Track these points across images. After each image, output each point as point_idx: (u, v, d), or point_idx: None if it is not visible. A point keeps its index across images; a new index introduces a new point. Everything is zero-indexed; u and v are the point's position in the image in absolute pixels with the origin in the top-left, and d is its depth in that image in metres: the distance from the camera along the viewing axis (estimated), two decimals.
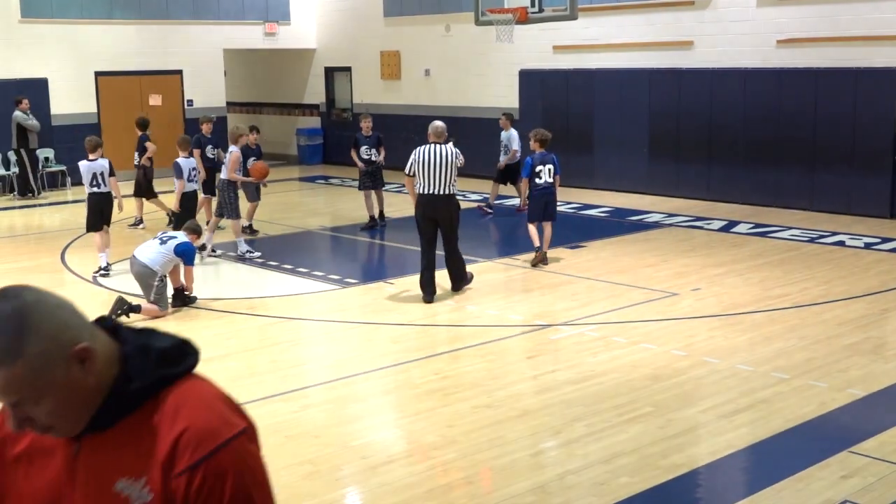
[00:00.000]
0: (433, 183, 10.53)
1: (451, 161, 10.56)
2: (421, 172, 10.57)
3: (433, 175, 10.51)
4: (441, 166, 10.51)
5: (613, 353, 8.57)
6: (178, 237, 10.23)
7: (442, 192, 10.55)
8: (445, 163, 10.52)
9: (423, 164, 10.57)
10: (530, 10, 14.75)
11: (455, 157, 10.65)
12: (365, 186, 15.11)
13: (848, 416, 7.09)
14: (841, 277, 11.28)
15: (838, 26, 15.43)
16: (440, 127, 11.00)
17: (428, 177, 10.53)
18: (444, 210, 10.62)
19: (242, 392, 7.71)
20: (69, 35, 20.54)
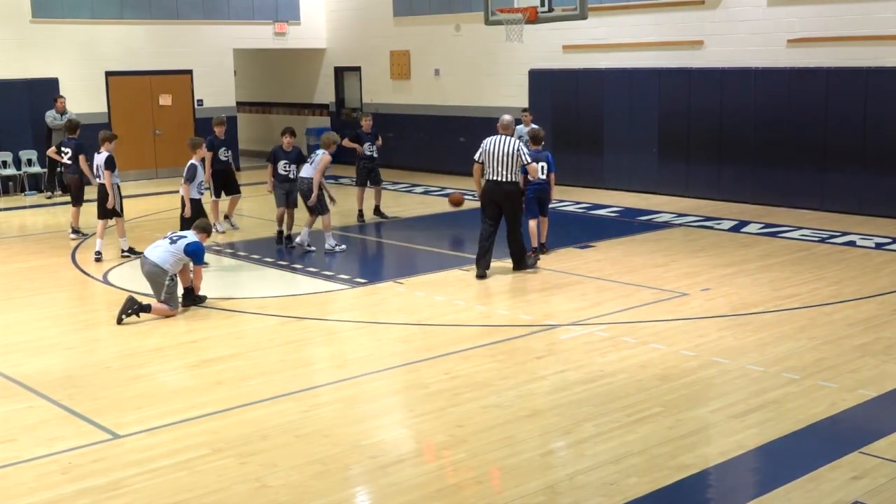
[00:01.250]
0: (498, 171, 11.41)
1: (516, 152, 11.37)
2: (488, 161, 11.49)
3: (499, 163, 11.39)
4: (506, 156, 11.35)
5: (623, 354, 8.57)
6: (187, 237, 10.24)
7: (506, 179, 11.41)
8: (510, 153, 11.35)
9: (490, 154, 11.46)
10: (540, 10, 14.75)
11: (519, 148, 11.42)
12: (362, 182, 15.45)
13: (859, 416, 7.07)
14: (851, 278, 11.25)
15: (849, 26, 15.38)
16: (507, 120, 11.79)
17: (494, 165, 11.44)
18: (507, 196, 11.46)
19: (252, 392, 7.76)
20: (80, 35, 20.62)
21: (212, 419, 7.19)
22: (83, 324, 9.94)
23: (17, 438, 6.89)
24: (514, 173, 11.41)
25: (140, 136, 21.60)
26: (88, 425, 7.12)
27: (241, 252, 13.50)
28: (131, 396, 7.73)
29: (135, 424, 7.10)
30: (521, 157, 11.44)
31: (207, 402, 7.56)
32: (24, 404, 7.60)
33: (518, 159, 11.40)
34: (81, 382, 8.10)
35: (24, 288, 11.63)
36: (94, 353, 8.95)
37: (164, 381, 8.15)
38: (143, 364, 8.58)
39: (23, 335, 9.63)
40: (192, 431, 6.95)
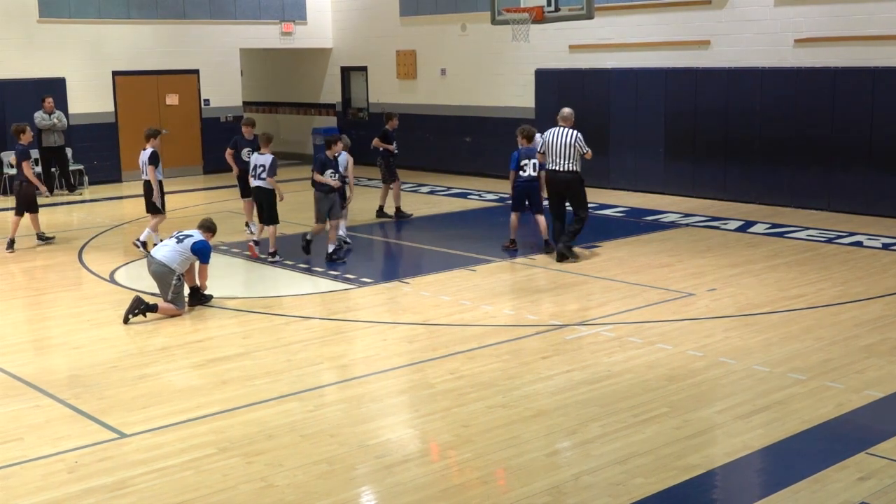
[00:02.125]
0: (557, 160, 12.24)
1: (573, 143, 12.18)
2: (549, 151, 12.30)
3: (558, 154, 12.21)
4: (566, 146, 12.18)
5: (629, 354, 8.56)
6: (193, 235, 10.25)
7: (564, 168, 12.23)
8: (568, 144, 12.17)
9: (551, 144, 12.29)
10: (546, 10, 14.74)
11: (577, 139, 12.19)
12: (393, 178, 15.66)
13: (865, 417, 7.06)
14: (858, 278, 11.22)
15: (856, 25, 15.34)
16: (567, 112, 12.70)
17: (553, 155, 12.25)
18: (567, 184, 12.34)
19: (258, 391, 7.77)
20: (87, 35, 20.66)
21: (218, 419, 7.20)
22: (89, 323, 9.95)
23: (24, 437, 6.91)
24: (572, 162, 12.20)
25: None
26: (95, 424, 7.13)
27: (247, 252, 13.49)
28: (137, 396, 7.74)
29: (141, 424, 7.11)
30: (580, 147, 12.18)
31: (213, 401, 7.57)
32: (30, 403, 7.62)
33: (577, 149, 12.17)
34: (88, 382, 8.11)
35: (31, 287, 11.66)
36: (100, 353, 8.96)
37: (170, 381, 8.16)
38: (149, 363, 8.59)
39: (29, 334, 9.66)
40: (198, 431, 6.96)
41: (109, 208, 18.13)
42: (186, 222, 12.69)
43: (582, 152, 12.23)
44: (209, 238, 10.45)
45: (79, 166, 20.34)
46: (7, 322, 10.15)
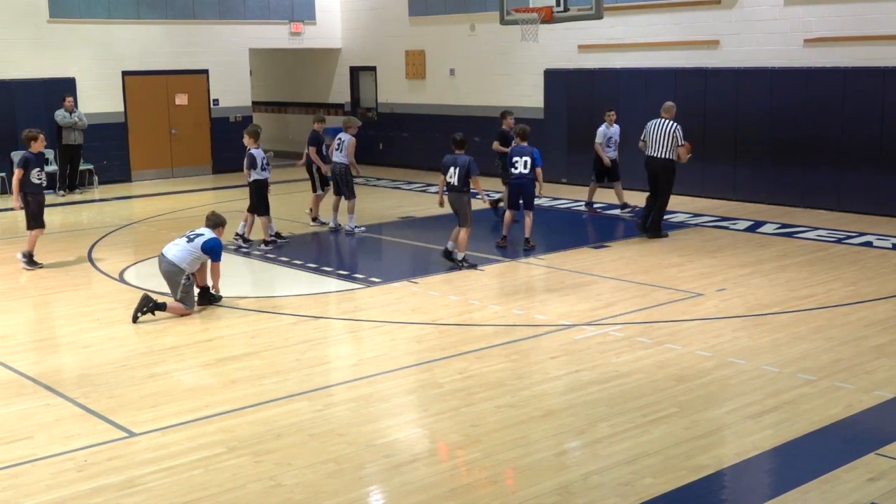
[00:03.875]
0: (656, 147, 13.45)
1: (671, 133, 13.35)
2: (650, 139, 13.50)
3: (657, 142, 13.43)
4: (665, 136, 13.36)
5: (638, 354, 8.55)
6: (204, 234, 10.26)
7: (661, 156, 13.42)
8: (667, 134, 13.36)
9: (652, 133, 13.48)
10: (555, 10, 14.72)
11: (676, 130, 13.36)
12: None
13: (875, 417, 7.04)
14: (868, 279, 11.19)
15: (866, 25, 15.29)
16: (670, 105, 13.80)
17: (653, 143, 13.48)
18: (662, 169, 13.51)
19: (266, 391, 7.78)
20: (97, 35, 20.71)
21: (226, 418, 7.21)
22: (99, 322, 9.98)
23: (34, 436, 6.93)
24: (669, 151, 13.37)
25: (156, 135, 21.70)
26: (104, 423, 7.15)
27: (256, 251, 13.52)
28: (147, 395, 7.76)
29: (150, 423, 7.13)
30: (677, 139, 13.31)
31: (222, 400, 7.58)
32: (40, 402, 7.64)
33: (674, 140, 13.30)
34: (97, 381, 8.13)
35: (41, 286, 11.69)
36: (109, 352, 8.98)
37: (180, 380, 8.18)
38: (158, 363, 8.61)
39: (39, 333, 9.69)
40: (207, 430, 6.97)
41: (119, 208, 18.18)
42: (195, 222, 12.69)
43: (679, 143, 13.30)
44: (220, 233, 10.43)
45: (88, 166, 20.40)
46: (17, 321, 10.18)
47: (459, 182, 11.94)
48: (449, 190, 12.09)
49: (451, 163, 12.04)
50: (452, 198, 12.07)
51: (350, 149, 14.24)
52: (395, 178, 20.72)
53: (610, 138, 15.74)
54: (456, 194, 12.03)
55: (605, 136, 15.65)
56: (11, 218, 17.35)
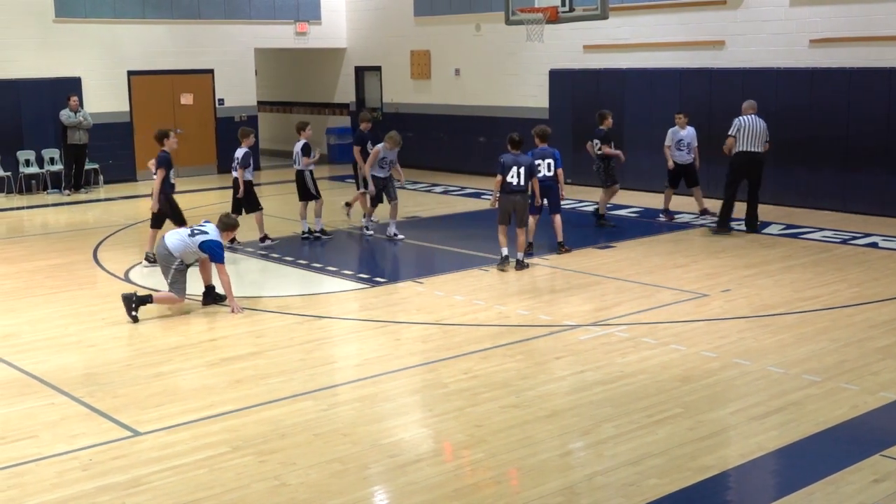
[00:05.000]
0: (751, 143, 13.77)
1: (764, 130, 13.79)
2: (743, 135, 13.75)
3: (754, 137, 13.76)
4: (760, 131, 13.77)
5: (643, 354, 8.54)
6: (208, 233, 10.22)
7: (758, 149, 13.82)
8: (762, 130, 13.79)
9: (747, 129, 13.74)
10: (561, 10, 14.72)
11: (766, 127, 13.81)
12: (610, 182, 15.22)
13: (880, 419, 7.03)
14: (874, 279, 11.17)
15: (872, 26, 15.27)
16: (753, 103, 14.09)
17: (749, 139, 13.75)
18: (759, 164, 13.98)
19: (271, 390, 7.79)
20: (102, 34, 20.74)
21: (231, 417, 7.22)
22: (104, 322, 9.99)
23: (39, 435, 6.94)
24: (761, 145, 13.81)
25: None
26: (109, 422, 7.16)
27: (261, 251, 13.54)
28: (152, 394, 7.77)
29: (155, 422, 7.14)
30: (766, 134, 13.83)
31: (227, 400, 7.59)
32: (45, 401, 7.66)
33: (766, 135, 13.80)
34: (102, 380, 8.15)
35: (46, 286, 11.71)
36: (115, 351, 9.00)
37: (185, 380, 8.18)
38: (163, 362, 8.62)
39: (44, 333, 9.70)
40: (212, 429, 6.98)
41: (124, 207, 18.20)
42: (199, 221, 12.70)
43: (768, 138, 13.82)
44: (228, 237, 10.39)
45: (94, 165, 20.43)
46: (23, 320, 10.20)
47: (526, 183, 11.79)
48: (510, 191, 11.81)
49: (512, 163, 11.79)
50: (519, 198, 11.82)
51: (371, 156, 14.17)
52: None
53: (680, 141, 15.14)
54: (522, 195, 11.83)
55: (675, 139, 15.17)
56: (16, 217, 17.40)
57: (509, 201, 11.83)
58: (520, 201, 11.81)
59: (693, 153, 15.18)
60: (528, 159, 11.84)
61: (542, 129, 12.93)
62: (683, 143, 15.18)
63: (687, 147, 15.16)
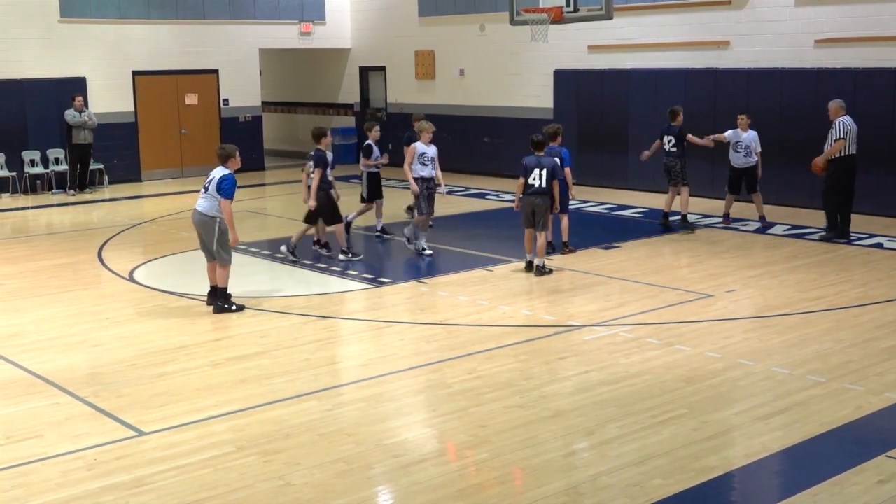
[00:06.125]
0: (854, 146, 13.28)
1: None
2: (851, 138, 13.22)
3: (854, 140, 13.26)
4: (855, 134, 13.25)
5: (647, 355, 8.53)
6: (215, 176, 10.07)
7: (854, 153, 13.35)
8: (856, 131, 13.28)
9: (852, 132, 13.21)
10: (565, 10, 14.71)
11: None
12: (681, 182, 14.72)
13: (885, 419, 7.02)
14: (878, 280, 11.15)
15: (877, 26, 15.25)
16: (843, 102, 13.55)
17: (852, 141, 13.25)
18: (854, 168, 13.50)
19: (276, 390, 7.79)
20: (107, 35, 20.77)
21: (236, 417, 7.22)
22: (109, 321, 10.00)
23: (43, 435, 6.95)
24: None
25: (166, 135, 21.75)
26: (113, 422, 7.17)
27: (266, 251, 13.55)
28: (156, 394, 7.78)
29: (159, 422, 7.14)
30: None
31: (231, 400, 7.59)
32: (50, 401, 7.67)
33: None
34: (107, 380, 8.16)
35: (51, 286, 11.72)
36: (119, 351, 9.01)
37: (189, 379, 8.19)
38: (168, 362, 8.63)
39: (49, 332, 9.71)
40: (217, 429, 6.99)
41: (129, 207, 18.23)
42: None
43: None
44: (234, 164, 10.19)
45: (99, 165, 20.46)
46: (27, 320, 10.22)
47: (548, 185, 11.65)
48: (532, 193, 11.66)
49: (534, 164, 11.65)
50: (539, 201, 11.67)
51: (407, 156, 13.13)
52: (404, 178, 20.67)
53: (738, 143, 14.61)
54: (543, 197, 11.67)
55: (734, 139, 14.69)
56: (21, 217, 17.44)
57: (530, 203, 11.72)
58: (540, 203, 11.66)
59: (756, 157, 14.64)
60: (550, 161, 11.69)
61: (555, 128, 12.78)
62: (741, 145, 14.62)
63: (745, 150, 14.61)
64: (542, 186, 11.62)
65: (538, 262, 11.78)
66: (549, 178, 11.64)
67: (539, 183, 11.61)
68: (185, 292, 11.02)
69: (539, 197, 11.67)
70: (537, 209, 11.70)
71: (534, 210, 11.72)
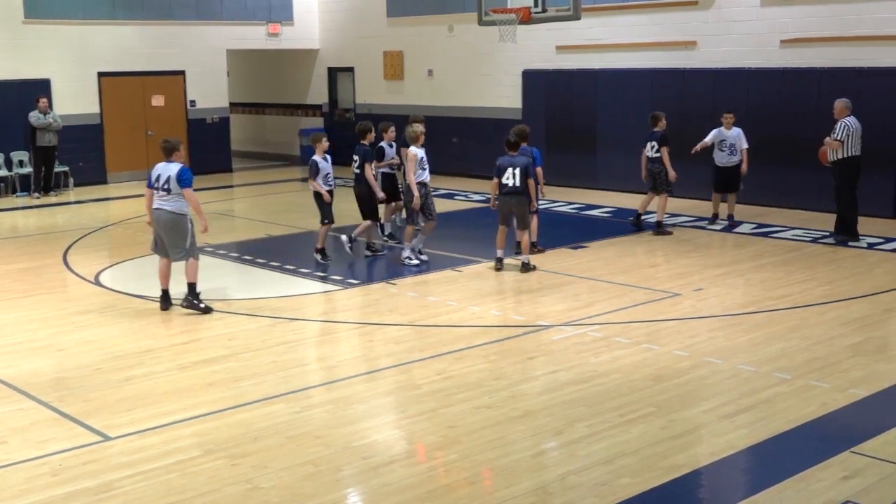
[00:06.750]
0: (857, 147, 13.19)
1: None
2: (852, 140, 13.11)
3: (857, 141, 13.16)
4: (860, 134, 13.18)
5: (615, 354, 8.57)
6: (169, 171, 10.12)
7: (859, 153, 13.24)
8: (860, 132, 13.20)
9: (854, 132, 13.11)
10: (533, 10, 14.74)
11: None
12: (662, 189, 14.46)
13: (850, 416, 7.08)
14: (843, 278, 11.26)
15: (842, 26, 15.41)
16: (849, 102, 13.39)
17: (854, 142, 13.15)
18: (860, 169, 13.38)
19: (243, 393, 7.75)
20: (72, 36, 20.57)
21: (203, 421, 7.17)
22: (74, 325, 9.91)
23: (8, 440, 6.87)
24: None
25: (132, 137, 21.56)
26: (79, 427, 7.10)
27: (234, 253, 13.48)
28: (122, 398, 7.71)
29: (126, 426, 7.08)
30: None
31: (199, 403, 7.54)
32: (14, 406, 7.58)
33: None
34: (72, 384, 8.08)
35: (16, 290, 11.59)
36: (85, 355, 8.92)
37: (156, 383, 8.12)
38: (134, 366, 8.55)
39: (14, 337, 9.61)
40: (183, 433, 6.94)
41: (95, 210, 18.07)
42: None
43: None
44: (179, 156, 10.26)
45: (63, 168, 20.26)
46: None
47: (522, 184, 11.73)
48: (507, 193, 11.78)
49: (507, 164, 11.76)
50: (515, 200, 11.78)
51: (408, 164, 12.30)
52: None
53: (723, 141, 14.55)
54: (518, 197, 11.78)
55: (718, 139, 14.64)
56: None
57: (506, 203, 11.86)
58: (516, 203, 11.78)
59: (741, 155, 14.56)
60: (523, 160, 11.81)
61: (521, 129, 12.80)
62: (726, 143, 14.57)
63: (730, 148, 14.56)
64: (515, 186, 11.71)
65: (524, 259, 11.88)
66: (523, 178, 11.72)
67: (513, 182, 11.71)
68: (151, 295, 10.92)
69: (514, 196, 11.76)
70: (514, 209, 11.81)
71: (511, 210, 11.81)
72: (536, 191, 12.57)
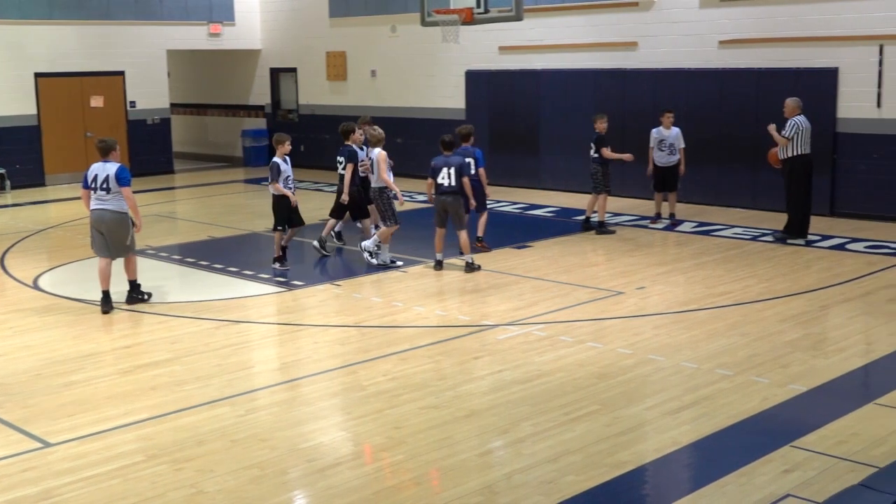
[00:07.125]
0: (807, 146, 13.20)
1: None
2: (800, 138, 13.09)
3: (806, 140, 13.15)
4: (810, 133, 13.17)
5: (560, 353, 8.63)
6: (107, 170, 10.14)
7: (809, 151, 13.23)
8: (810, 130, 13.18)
9: (802, 131, 13.08)
10: (476, 11, 14.77)
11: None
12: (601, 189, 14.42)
13: (789, 411, 7.21)
14: (782, 275, 11.46)
15: (779, 27, 15.68)
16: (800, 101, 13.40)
17: (803, 141, 13.14)
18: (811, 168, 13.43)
19: (187, 397, 7.66)
20: (7, 36, 20.16)
21: (146, 426, 7.08)
22: (13, 330, 9.72)
23: None
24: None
25: (71, 138, 21.19)
26: (18, 434, 6.97)
27: (176, 255, 13.33)
28: (63, 404, 7.59)
29: (66, 432, 6.97)
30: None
31: (141, 408, 7.45)
32: None
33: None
34: (11, 390, 7.93)
35: None
36: (24, 361, 8.76)
37: (97, 388, 8.00)
38: (74, 371, 8.42)
39: None
40: (126, 438, 6.85)
41: (33, 212, 17.74)
42: None
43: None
44: (115, 157, 10.27)
45: (0, 170, 19.86)
46: None
47: (457, 183, 11.81)
48: (443, 193, 11.87)
49: (442, 164, 11.85)
50: (450, 200, 11.85)
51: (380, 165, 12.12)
52: (316, 179, 20.59)
53: (662, 141, 14.58)
54: (454, 196, 11.86)
55: (657, 139, 14.68)
56: None
57: (441, 203, 11.93)
58: (452, 202, 11.87)
59: (679, 154, 14.63)
60: (458, 160, 11.93)
61: (467, 129, 13.06)
62: (665, 143, 14.61)
63: (669, 148, 14.62)
64: (451, 185, 11.83)
65: (467, 259, 11.92)
66: (458, 177, 11.83)
67: (448, 182, 11.83)
68: (91, 299, 10.75)
69: (450, 196, 11.85)
70: (449, 208, 11.88)
71: (446, 209, 11.84)
72: (482, 190, 12.66)
